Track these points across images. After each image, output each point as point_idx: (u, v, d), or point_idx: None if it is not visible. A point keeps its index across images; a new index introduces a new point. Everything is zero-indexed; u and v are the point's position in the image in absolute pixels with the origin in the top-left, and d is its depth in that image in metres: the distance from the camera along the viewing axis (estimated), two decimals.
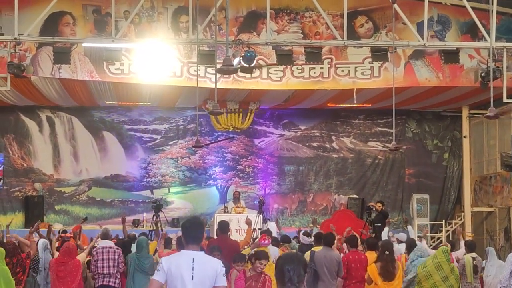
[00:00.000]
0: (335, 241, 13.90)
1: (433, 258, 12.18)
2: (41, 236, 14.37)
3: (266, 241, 14.16)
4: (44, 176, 25.40)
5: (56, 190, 25.41)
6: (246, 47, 17.44)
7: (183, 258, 7.26)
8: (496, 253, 14.87)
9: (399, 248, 15.60)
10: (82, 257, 13.67)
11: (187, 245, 7.32)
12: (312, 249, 13.67)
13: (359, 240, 15.08)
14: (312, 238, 15.34)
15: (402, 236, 17.20)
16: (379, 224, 20.27)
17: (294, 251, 14.42)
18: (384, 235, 18.09)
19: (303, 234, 16.27)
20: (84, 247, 15.08)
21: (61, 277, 13.00)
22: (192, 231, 7.37)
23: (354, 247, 13.82)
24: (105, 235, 14.53)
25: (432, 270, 12.01)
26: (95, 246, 14.60)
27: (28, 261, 13.14)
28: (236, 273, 11.33)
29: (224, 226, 13.87)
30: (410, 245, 13.95)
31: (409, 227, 19.65)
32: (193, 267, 7.17)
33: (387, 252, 12.03)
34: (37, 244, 14.00)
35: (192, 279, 7.19)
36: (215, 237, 15.40)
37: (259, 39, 20.17)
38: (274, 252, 14.03)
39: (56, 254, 13.50)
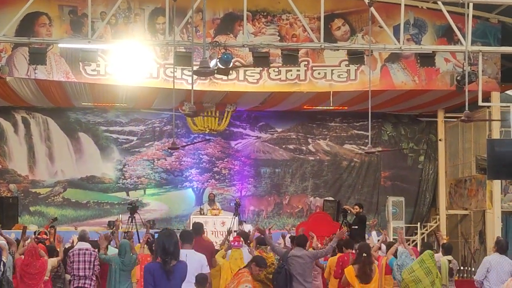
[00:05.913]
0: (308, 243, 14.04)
1: (421, 262, 12.22)
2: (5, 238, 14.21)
3: (237, 243, 14.28)
4: (19, 177, 25.23)
5: (31, 192, 25.26)
6: (223, 49, 17.43)
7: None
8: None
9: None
10: (52, 261, 13.68)
11: (183, 245, 9.85)
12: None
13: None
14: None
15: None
16: (356, 227, 20.29)
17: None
18: (374, 239, 18.04)
19: (290, 237, 16.21)
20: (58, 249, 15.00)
21: (27, 279, 13.04)
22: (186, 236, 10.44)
23: (350, 248, 13.99)
24: (82, 237, 14.45)
25: (421, 275, 12.07)
26: (69, 248, 14.53)
27: None
28: None
29: (198, 228, 14.05)
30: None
31: (373, 232, 19.58)
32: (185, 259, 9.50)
33: (364, 254, 12.03)
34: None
35: None
36: None
37: (236, 41, 20.12)
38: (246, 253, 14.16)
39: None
